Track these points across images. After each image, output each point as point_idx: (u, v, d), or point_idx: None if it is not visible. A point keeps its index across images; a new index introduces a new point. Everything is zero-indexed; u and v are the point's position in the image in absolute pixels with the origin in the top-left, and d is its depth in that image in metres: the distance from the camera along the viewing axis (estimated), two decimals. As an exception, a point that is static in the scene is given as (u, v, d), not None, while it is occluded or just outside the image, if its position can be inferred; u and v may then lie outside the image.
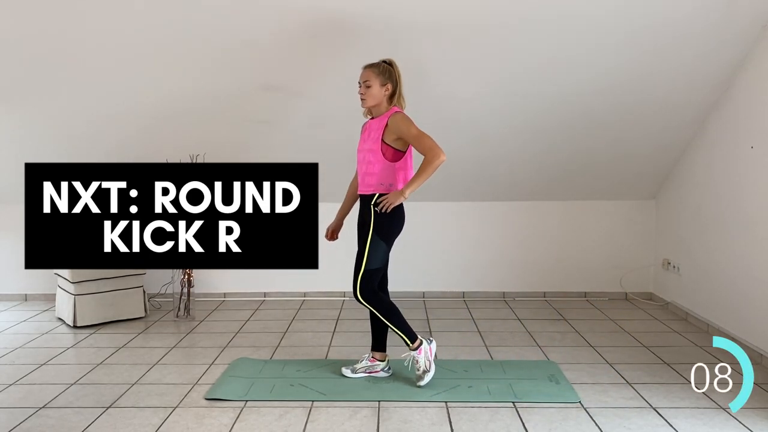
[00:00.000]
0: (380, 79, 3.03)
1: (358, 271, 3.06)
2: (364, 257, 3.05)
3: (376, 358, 3.24)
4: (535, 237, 4.88)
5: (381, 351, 3.25)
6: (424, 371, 3.08)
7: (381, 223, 3.02)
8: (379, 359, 3.24)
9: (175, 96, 3.88)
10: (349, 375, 3.20)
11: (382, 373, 3.22)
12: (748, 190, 3.59)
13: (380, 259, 3.07)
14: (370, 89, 3.03)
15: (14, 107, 3.99)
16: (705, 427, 2.65)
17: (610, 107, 3.94)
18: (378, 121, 3.07)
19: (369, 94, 3.04)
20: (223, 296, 4.94)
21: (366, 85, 3.04)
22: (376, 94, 3.04)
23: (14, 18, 3.35)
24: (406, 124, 2.99)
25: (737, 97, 3.68)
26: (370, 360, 3.24)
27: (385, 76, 3.04)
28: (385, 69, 3.05)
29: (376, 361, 3.23)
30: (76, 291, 4.15)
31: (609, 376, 3.21)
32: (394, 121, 3.00)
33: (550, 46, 3.53)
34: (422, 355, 3.09)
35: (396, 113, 3.03)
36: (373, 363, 3.23)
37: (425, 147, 2.95)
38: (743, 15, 3.31)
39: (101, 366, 3.43)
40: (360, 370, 3.22)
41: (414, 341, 3.10)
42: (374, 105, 3.07)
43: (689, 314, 4.23)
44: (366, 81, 3.04)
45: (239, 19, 3.36)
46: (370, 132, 3.09)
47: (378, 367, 3.23)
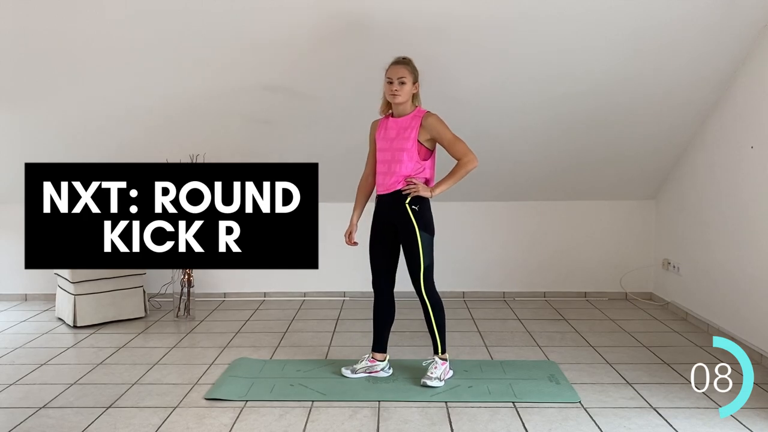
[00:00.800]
0: (413, 77, 3.04)
1: (417, 270, 3.07)
2: (419, 256, 3.05)
3: (376, 359, 3.24)
4: (535, 237, 4.88)
5: (381, 351, 3.26)
6: (437, 378, 3.09)
7: (422, 219, 3.05)
8: (379, 359, 3.24)
9: (175, 96, 3.88)
10: (349, 375, 3.20)
11: (383, 373, 3.22)
12: (748, 190, 3.59)
13: (431, 251, 3.10)
14: (404, 86, 3.01)
15: (15, 107, 3.99)
16: (705, 427, 2.65)
17: (609, 107, 3.94)
18: (408, 120, 3.06)
19: (403, 91, 3.01)
20: (223, 296, 4.95)
21: (401, 81, 3.00)
22: (408, 92, 3.03)
23: (15, 18, 3.35)
24: (442, 126, 3.03)
25: (737, 97, 3.68)
26: (370, 360, 3.24)
27: (416, 74, 3.06)
28: (414, 67, 3.06)
29: (376, 362, 3.24)
30: (76, 291, 4.15)
31: (609, 376, 3.21)
32: (430, 123, 3.02)
33: (549, 46, 3.53)
34: (443, 368, 3.13)
35: (429, 114, 3.05)
36: (373, 363, 3.23)
37: (460, 151, 2.99)
38: (743, 15, 3.31)
39: (101, 366, 3.43)
40: (360, 371, 3.22)
41: (445, 353, 3.16)
42: (402, 102, 3.05)
43: (689, 314, 4.23)
44: (401, 77, 3.00)
45: (240, 19, 3.36)
46: (399, 131, 3.06)
47: (378, 367, 3.23)
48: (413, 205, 3.04)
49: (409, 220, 3.04)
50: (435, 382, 3.07)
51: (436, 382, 3.07)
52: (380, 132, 3.14)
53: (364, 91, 3.84)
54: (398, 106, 3.06)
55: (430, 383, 3.06)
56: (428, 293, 3.11)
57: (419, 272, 3.08)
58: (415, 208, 3.04)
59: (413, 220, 3.04)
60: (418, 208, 3.04)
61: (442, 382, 3.09)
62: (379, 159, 3.13)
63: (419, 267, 3.07)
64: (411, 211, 3.04)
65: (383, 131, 3.13)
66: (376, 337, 3.27)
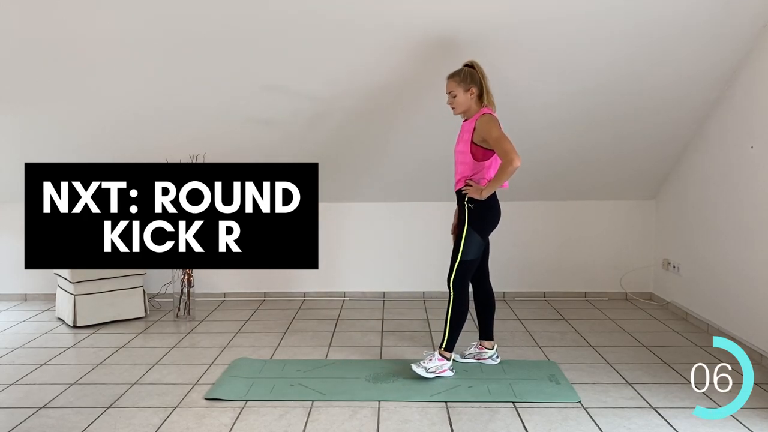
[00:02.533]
0: (463, 86, 3.14)
1: (454, 261, 3.18)
2: (460, 249, 3.16)
3: (484, 346, 3.40)
4: (535, 237, 4.88)
5: (489, 339, 3.41)
6: (426, 369, 3.13)
7: (475, 217, 3.15)
8: (487, 347, 3.40)
9: (175, 96, 3.88)
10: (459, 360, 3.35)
11: (491, 361, 3.37)
12: (748, 190, 3.59)
13: (475, 251, 3.18)
14: (456, 98, 3.15)
15: (15, 107, 3.99)
16: (705, 427, 2.65)
17: (609, 107, 3.94)
18: (470, 122, 3.17)
19: (456, 103, 3.17)
20: (223, 296, 4.95)
21: (451, 95, 3.16)
22: (463, 101, 3.16)
23: (15, 18, 3.35)
24: (489, 126, 3.08)
25: (737, 97, 3.68)
26: (478, 347, 3.42)
27: (467, 81, 3.14)
28: (466, 74, 3.15)
29: (485, 349, 3.40)
30: (76, 291, 4.15)
31: (609, 376, 3.21)
32: (481, 123, 3.09)
33: (548, 46, 3.52)
34: (440, 363, 3.17)
35: (483, 115, 3.11)
36: (481, 350, 3.40)
37: (502, 151, 3.03)
38: (743, 14, 3.31)
39: (101, 366, 3.43)
40: (469, 356, 3.39)
41: (449, 351, 3.21)
42: (464, 111, 3.19)
43: (689, 314, 4.23)
44: (450, 91, 3.16)
45: (240, 19, 3.36)
46: (462, 133, 3.20)
47: (486, 354, 3.39)
48: (470, 203, 3.15)
49: (464, 215, 3.18)
50: (421, 371, 3.12)
51: (423, 371, 3.13)
52: (458, 134, 3.29)
53: (365, 91, 3.85)
54: (464, 113, 3.21)
55: (417, 369, 3.13)
56: (455, 285, 3.18)
57: (454, 263, 3.18)
58: (470, 206, 3.15)
59: (466, 215, 3.17)
60: (473, 206, 3.15)
61: (430, 375, 3.13)
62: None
63: (456, 258, 3.17)
64: (467, 207, 3.16)
65: (459, 134, 3.27)
66: (480, 326, 3.44)
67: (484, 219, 3.19)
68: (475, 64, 3.18)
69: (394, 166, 4.42)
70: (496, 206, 3.22)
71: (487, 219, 3.20)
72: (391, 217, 4.85)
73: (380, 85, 3.79)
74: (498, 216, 3.25)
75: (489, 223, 3.23)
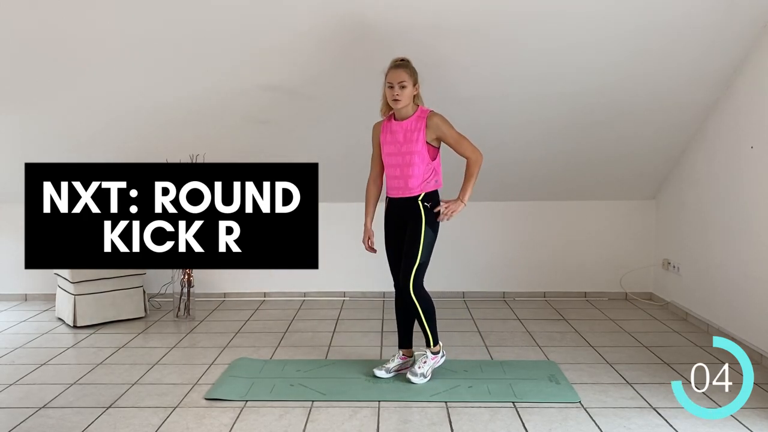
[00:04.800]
0: (413, 79, 3.03)
1: (411, 263, 3.05)
2: (418, 251, 3.06)
3: (405, 356, 3.26)
4: (535, 237, 4.88)
5: (408, 347, 3.28)
6: (422, 375, 3.11)
7: (431, 216, 3.08)
8: (408, 356, 3.26)
9: (175, 96, 3.88)
10: (383, 376, 3.16)
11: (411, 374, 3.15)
12: (748, 190, 3.59)
13: (430, 250, 3.12)
14: (405, 89, 3.00)
15: (15, 107, 3.99)
16: (705, 426, 2.65)
17: (609, 107, 3.94)
18: (412, 122, 3.05)
19: (404, 95, 3.01)
20: (223, 296, 4.95)
21: (401, 85, 3.00)
22: (409, 95, 3.03)
23: (15, 18, 3.35)
24: (446, 126, 3.04)
25: (737, 97, 3.68)
26: (400, 358, 3.25)
27: (415, 76, 3.05)
28: (413, 69, 3.06)
29: (407, 358, 3.25)
30: (76, 291, 4.15)
31: (609, 376, 3.21)
32: (435, 122, 3.03)
33: (548, 46, 3.52)
34: (433, 362, 3.15)
35: (433, 114, 3.06)
36: (404, 360, 3.24)
37: (467, 149, 3.00)
38: (743, 15, 3.31)
39: (101, 366, 3.43)
40: (393, 370, 3.21)
41: (437, 345, 3.17)
42: (406, 105, 3.06)
43: (689, 314, 4.23)
44: (401, 81, 3.00)
45: (240, 19, 3.36)
46: (405, 133, 3.05)
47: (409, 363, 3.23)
48: (426, 202, 3.08)
49: (419, 215, 3.07)
50: (418, 379, 3.09)
51: (420, 378, 3.10)
52: (385, 135, 3.13)
53: (365, 91, 3.84)
54: (400, 109, 3.06)
55: (414, 379, 3.09)
56: (416, 292, 3.06)
57: (412, 266, 3.05)
58: (427, 205, 3.08)
59: (423, 215, 3.07)
60: (430, 205, 3.08)
61: (426, 379, 3.11)
62: (389, 163, 3.12)
63: (414, 261, 3.05)
64: (423, 207, 3.07)
65: (388, 135, 3.11)
66: (401, 335, 3.28)
67: (436, 215, 3.08)
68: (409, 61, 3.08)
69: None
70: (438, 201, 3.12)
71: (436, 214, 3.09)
72: (391, 217, 4.84)
73: (380, 84, 3.78)
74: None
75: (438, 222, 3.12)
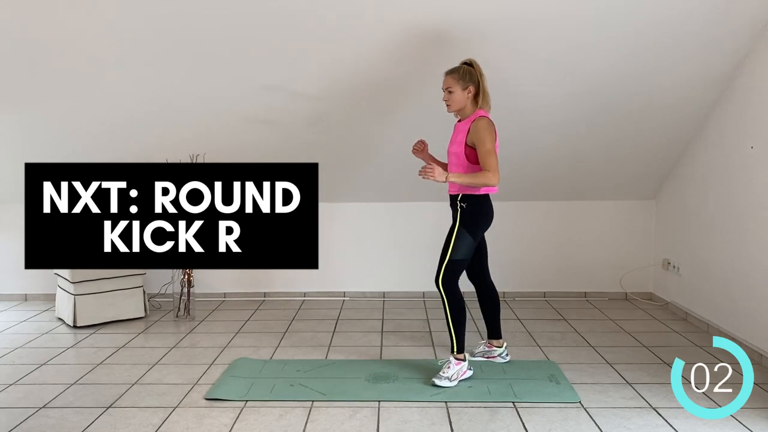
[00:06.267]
0: (461, 84, 3.09)
1: (442, 261, 3.14)
2: (449, 248, 3.13)
3: (493, 345, 3.43)
4: (535, 237, 4.88)
5: (497, 338, 3.43)
6: (447, 378, 3.08)
7: (467, 217, 3.12)
8: (496, 345, 3.42)
9: (175, 96, 3.88)
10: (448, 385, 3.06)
11: (500, 359, 3.39)
12: (748, 190, 3.59)
13: (465, 251, 3.14)
14: (453, 95, 3.11)
15: (15, 107, 3.99)
16: (705, 426, 2.65)
17: (609, 107, 3.94)
18: (465, 123, 3.14)
19: (452, 100, 3.12)
20: (223, 296, 4.95)
21: (448, 91, 3.12)
22: (459, 99, 3.11)
23: (15, 18, 3.35)
24: (484, 134, 3.03)
25: (737, 97, 3.68)
26: (487, 345, 3.44)
27: (465, 80, 3.10)
28: (465, 72, 3.11)
29: (494, 347, 3.42)
30: (76, 291, 4.15)
31: (609, 376, 3.21)
32: (476, 127, 3.06)
33: (548, 46, 3.52)
34: (458, 368, 3.12)
35: (480, 119, 3.08)
36: (490, 348, 3.42)
37: (487, 166, 3.01)
38: (743, 14, 3.31)
39: (101, 366, 3.43)
40: (478, 355, 3.41)
41: (460, 353, 3.16)
42: (459, 109, 3.15)
43: (689, 314, 4.23)
44: (448, 87, 3.11)
45: (241, 19, 3.36)
46: (457, 134, 3.17)
47: (495, 352, 3.41)
48: (462, 202, 3.13)
49: (456, 214, 3.15)
50: (444, 382, 3.07)
51: (446, 381, 3.07)
52: (452, 134, 3.25)
53: (365, 91, 3.85)
54: (458, 111, 3.17)
55: (439, 382, 3.06)
56: (445, 286, 3.14)
57: (443, 262, 3.13)
58: (463, 206, 3.12)
59: (458, 216, 3.14)
60: (466, 206, 3.12)
61: (453, 383, 3.08)
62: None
63: (445, 257, 3.13)
64: (459, 207, 3.13)
65: (452, 134, 3.24)
66: (487, 326, 3.44)
67: (478, 219, 3.15)
68: (474, 63, 3.15)
69: (394, 166, 4.42)
70: (488, 208, 3.18)
71: (480, 220, 3.16)
72: (392, 217, 4.85)
73: (380, 84, 3.79)
74: (490, 218, 3.20)
75: (481, 224, 3.19)
